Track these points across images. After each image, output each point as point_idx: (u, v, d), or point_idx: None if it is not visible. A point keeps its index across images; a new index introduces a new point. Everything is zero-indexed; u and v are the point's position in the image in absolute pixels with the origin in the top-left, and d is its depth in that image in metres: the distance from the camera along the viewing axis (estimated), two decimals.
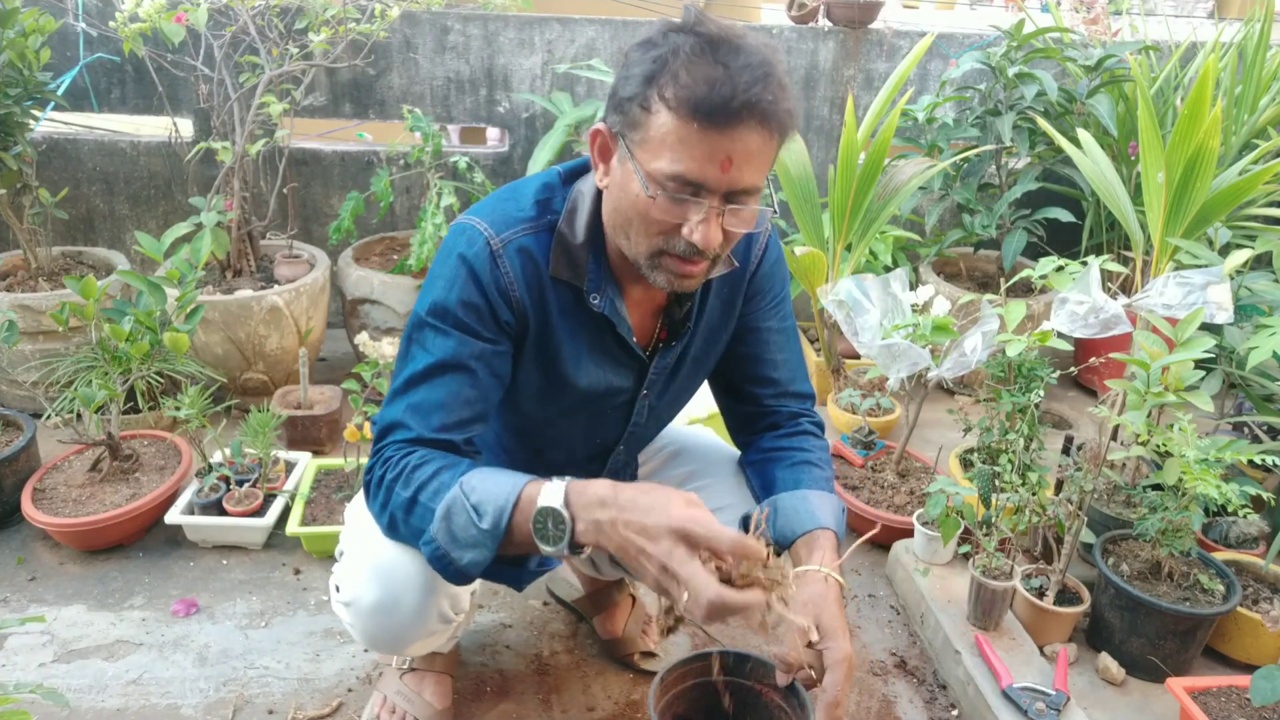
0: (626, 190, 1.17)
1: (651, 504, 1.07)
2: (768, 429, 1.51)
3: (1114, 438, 1.88)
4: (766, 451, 1.49)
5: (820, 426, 1.52)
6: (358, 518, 1.44)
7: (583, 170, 1.33)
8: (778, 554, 1.36)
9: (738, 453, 1.61)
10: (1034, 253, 3.09)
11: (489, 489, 1.14)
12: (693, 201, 1.13)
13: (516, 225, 1.27)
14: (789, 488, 1.40)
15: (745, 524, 1.42)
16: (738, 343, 1.47)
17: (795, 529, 1.34)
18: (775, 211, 1.23)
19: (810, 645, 1.21)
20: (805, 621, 1.19)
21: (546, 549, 1.12)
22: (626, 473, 1.63)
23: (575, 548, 1.11)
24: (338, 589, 1.38)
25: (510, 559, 1.21)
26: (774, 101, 1.09)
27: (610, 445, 1.52)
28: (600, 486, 1.11)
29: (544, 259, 1.28)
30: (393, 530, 1.24)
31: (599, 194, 1.27)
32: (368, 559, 1.34)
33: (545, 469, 1.54)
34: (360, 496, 1.49)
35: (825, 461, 1.48)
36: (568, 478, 1.14)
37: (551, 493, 1.11)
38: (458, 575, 1.18)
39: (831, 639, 1.19)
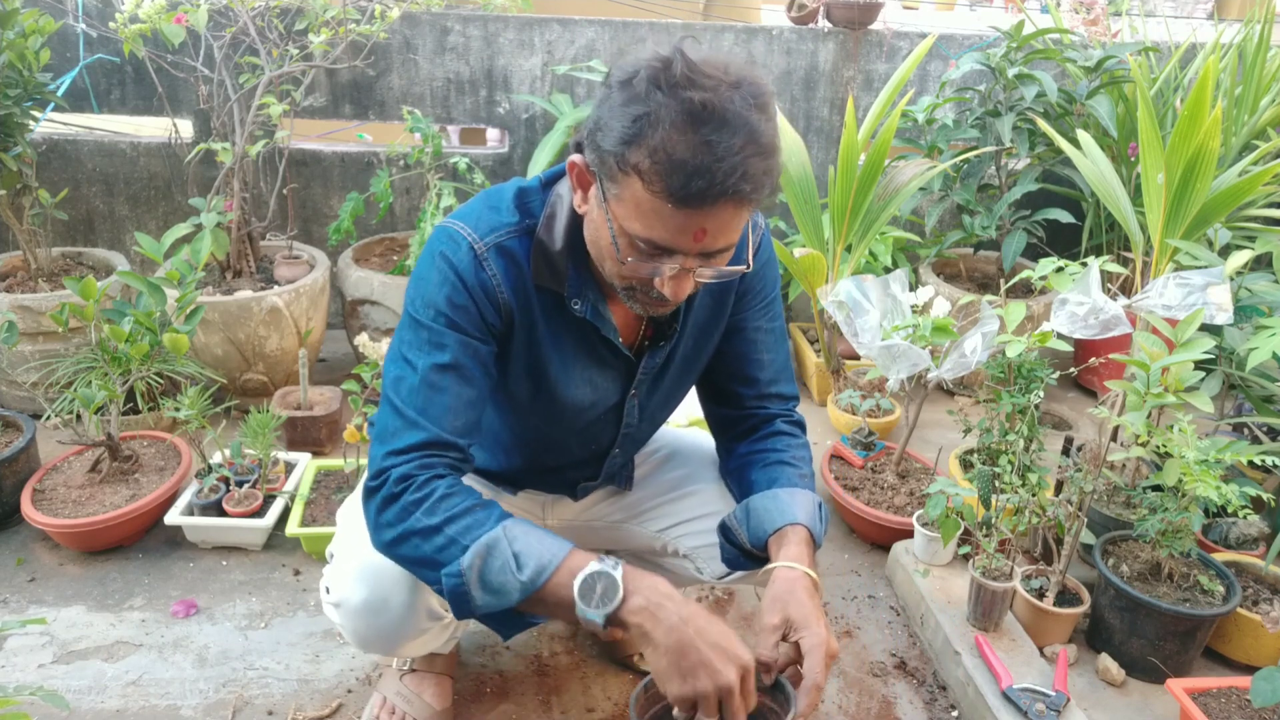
0: (601, 233, 1.17)
1: (724, 630, 1.12)
2: (746, 434, 1.51)
3: (1114, 439, 1.88)
4: (743, 457, 1.49)
5: (800, 425, 1.52)
6: (348, 520, 1.44)
7: (562, 174, 1.31)
8: (756, 555, 1.39)
9: None
10: (1034, 254, 3.09)
11: (533, 542, 1.15)
12: (665, 262, 1.13)
13: (499, 229, 1.27)
14: (763, 488, 1.40)
15: (722, 532, 1.44)
16: (725, 341, 1.46)
17: (767, 528, 1.34)
18: (749, 267, 1.25)
19: (785, 639, 1.22)
20: (774, 619, 1.22)
21: (584, 612, 1.11)
22: (623, 475, 1.63)
23: (611, 620, 1.12)
24: (328, 590, 1.40)
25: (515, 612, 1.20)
26: (753, 188, 1.06)
27: (606, 448, 1.52)
28: (661, 580, 1.15)
29: (527, 262, 1.28)
30: (393, 549, 1.21)
31: None
32: (355, 560, 1.35)
33: (543, 470, 1.55)
34: (352, 499, 1.49)
35: (800, 459, 1.46)
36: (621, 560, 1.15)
37: (607, 562, 1.13)
38: (465, 612, 1.17)
39: (803, 628, 1.21)
